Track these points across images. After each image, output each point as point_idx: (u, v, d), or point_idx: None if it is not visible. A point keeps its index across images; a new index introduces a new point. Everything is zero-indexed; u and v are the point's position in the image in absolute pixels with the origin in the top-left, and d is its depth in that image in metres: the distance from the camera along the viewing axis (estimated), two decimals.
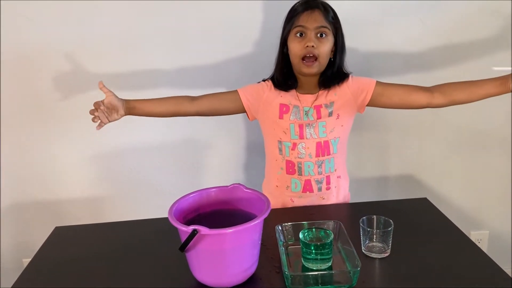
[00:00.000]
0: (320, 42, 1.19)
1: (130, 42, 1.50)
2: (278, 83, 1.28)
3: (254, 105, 1.30)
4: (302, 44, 1.18)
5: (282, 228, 1.05)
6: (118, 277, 0.98)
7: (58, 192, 1.66)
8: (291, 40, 1.21)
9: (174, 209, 0.92)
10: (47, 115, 1.56)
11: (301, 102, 1.27)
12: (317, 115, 1.26)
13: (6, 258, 1.74)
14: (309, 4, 1.20)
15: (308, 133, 1.26)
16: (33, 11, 1.44)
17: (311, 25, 1.18)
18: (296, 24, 1.20)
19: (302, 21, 1.19)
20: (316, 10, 1.19)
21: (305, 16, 1.19)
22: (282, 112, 1.27)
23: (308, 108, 1.26)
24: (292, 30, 1.20)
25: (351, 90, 1.26)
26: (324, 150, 1.27)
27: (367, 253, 1.00)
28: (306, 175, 1.28)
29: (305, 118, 1.26)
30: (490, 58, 1.58)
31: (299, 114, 1.26)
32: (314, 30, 1.18)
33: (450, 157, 1.72)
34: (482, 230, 1.82)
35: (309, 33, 1.18)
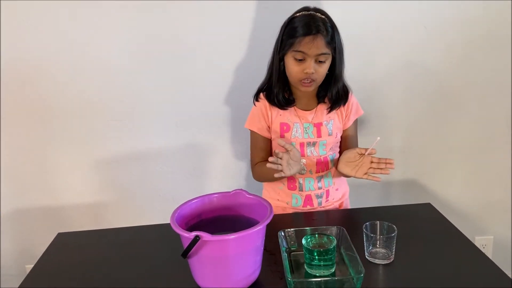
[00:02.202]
0: (320, 66, 1.17)
1: (132, 45, 1.50)
2: (279, 103, 1.25)
3: (267, 129, 1.30)
4: (301, 68, 1.16)
5: (285, 234, 1.04)
6: (120, 283, 0.98)
7: (61, 198, 1.66)
8: (290, 61, 1.18)
9: (176, 215, 0.92)
10: (50, 121, 1.57)
11: (301, 119, 1.27)
12: (318, 134, 1.27)
13: (9, 264, 1.74)
14: (312, 28, 1.13)
15: (309, 151, 1.27)
16: (34, 14, 1.44)
17: (312, 53, 1.14)
18: (296, 49, 1.15)
19: (303, 47, 1.14)
20: (319, 35, 1.13)
21: (307, 42, 1.13)
22: (283, 131, 1.28)
23: (308, 125, 1.27)
24: (291, 52, 1.17)
25: (347, 112, 1.29)
26: (324, 166, 1.30)
27: (370, 259, 0.99)
28: (307, 191, 1.30)
29: (306, 135, 1.27)
30: (491, 61, 1.58)
31: (300, 131, 1.27)
32: (315, 57, 1.15)
33: (454, 161, 1.71)
34: (487, 235, 1.80)
35: (309, 60, 1.15)
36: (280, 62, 1.22)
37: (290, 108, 1.27)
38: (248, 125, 1.32)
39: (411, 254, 1.01)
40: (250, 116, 1.33)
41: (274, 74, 1.24)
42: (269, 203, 0.95)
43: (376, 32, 1.53)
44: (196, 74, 1.54)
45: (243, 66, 1.54)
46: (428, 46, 1.55)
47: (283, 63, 1.22)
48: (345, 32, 1.50)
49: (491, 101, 1.63)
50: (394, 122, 1.65)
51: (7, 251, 1.72)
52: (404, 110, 1.63)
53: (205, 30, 1.49)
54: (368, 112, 1.61)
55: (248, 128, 1.32)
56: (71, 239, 1.21)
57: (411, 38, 1.54)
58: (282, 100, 1.25)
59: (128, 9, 1.45)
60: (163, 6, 1.45)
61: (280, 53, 1.20)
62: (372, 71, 1.57)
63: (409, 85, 1.60)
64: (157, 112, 1.58)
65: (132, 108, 1.57)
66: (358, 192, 1.70)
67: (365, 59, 1.55)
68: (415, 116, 1.64)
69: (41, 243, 1.28)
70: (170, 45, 1.50)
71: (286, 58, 1.20)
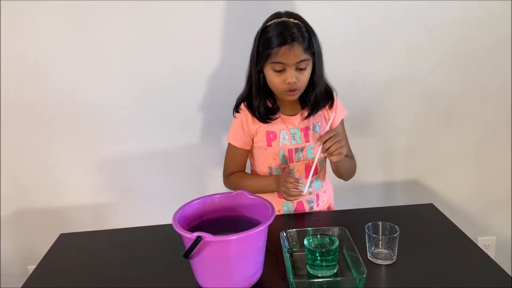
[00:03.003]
0: (301, 74, 1.13)
1: (132, 45, 1.50)
2: (260, 116, 1.21)
3: (249, 142, 1.28)
4: (282, 79, 1.12)
5: (287, 235, 1.04)
6: (122, 283, 0.98)
7: (63, 199, 1.67)
8: (270, 73, 1.14)
9: (178, 215, 0.92)
10: (52, 122, 1.57)
11: (287, 125, 1.24)
12: (305, 139, 1.24)
13: (12, 265, 1.74)
14: (286, 37, 1.09)
15: (297, 157, 1.25)
16: (34, 14, 1.44)
17: (291, 62, 1.10)
18: (274, 60, 1.10)
19: (281, 57, 1.09)
20: (295, 43, 1.09)
21: (284, 51, 1.09)
22: (270, 140, 1.24)
23: (295, 130, 1.24)
24: (269, 63, 1.12)
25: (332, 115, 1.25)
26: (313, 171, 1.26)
27: (372, 260, 0.99)
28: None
29: (293, 141, 1.24)
30: (493, 61, 1.58)
31: (287, 138, 1.24)
32: (294, 65, 1.11)
33: (456, 162, 1.70)
34: (489, 236, 1.80)
35: (289, 69, 1.11)
36: (259, 74, 1.18)
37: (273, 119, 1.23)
38: (231, 139, 1.28)
39: (413, 255, 1.01)
40: (232, 130, 1.28)
41: (254, 87, 1.20)
42: (271, 203, 0.95)
43: (378, 33, 1.53)
44: (197, 74, 1.54)
45: (244, 66, 1.54)
46: (430, 46, 1.55)
47: (262, 75, 1.18)
48: (347, 32, 1.51)
49: (494, 101, 1.63)
50: (397, 123, 1.64)
51: (10, 252, 1.73)
52: (406, 110, 1.63)
53: (205, 30, 1.49)
54: (371, 113, 1.61)
55: (230, 143, 1.29)
56: (73, 239, 1.21)
57: (413, 38, 1.54)
58: (263, 113, 1.21)
59: (128, 9, 1.46)
60: (163, 6, 1.45)
61: (258, 66, 1.16)
62: (375, 72, 1.57)
63: (411, 85, 1.60)
64: (159, 113, 1.58)
65: (134, 109, 1.57)
66: (360, 193, 1.71)
67: (368, 60, 1.55)
68: (418, 116, 1.64)
69: (43, 244, 1.28)
70: (171, 46, 1.51)
71: (265, 70, 1.15)
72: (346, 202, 1.47)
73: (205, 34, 1.50)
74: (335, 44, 1.52)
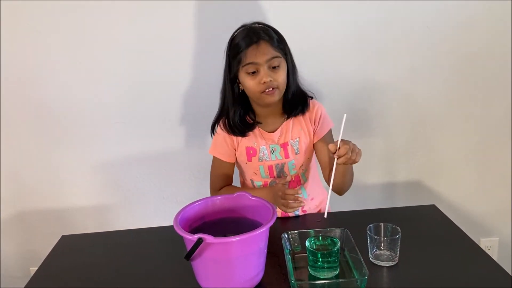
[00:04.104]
0: (275, 73, 1.11)
1: (133, 46, 1.50)
2: (238, 129, 1.20)
3: (233, 154, 1.27)
4: (257, 81, 1.11)
5: (289, 236, 1.04)
6: (124, 285, 0.98)
7: (64, 201, 1.67)
8: (244, 78, 1.13)
9: (179, 217, 0.92)
10: (53, 124, 1.57)
11: (267, 141, 1.23)
12: (285, 155, 1.23)
13: (14, 266, 1.75)
14: (252, 37, 1.10)
15: (278, 172, 1.24)
16: (34, 15, 1.45)
17: (261, 60, 1.09)
18: (244, 62, 1.10)
19: (250, 57, 1.10)
20: (262, 42, 1.09)
21: (252, 51, 1.09)
22: (250, 155, 1.24)
23: (274, 145, 1.23)
24: (242, 68, 1.12)
25: (314, 126, 1.23)
26: (296, 184, 1.27)
27: (374, 261, 0.99)
28: None
29: (273, 157, 1.23)
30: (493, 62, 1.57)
31: (267, 154, 1.23)
32: (266, 64, 1.10)
33: (459, 163, 1.70)
34: (492, 237, 1.79)
35: (262, 69, 1.10)
36: (234, 85, 1.17)
37: (251, 132, 1.22)
38: (212, 151, 1.28)
39: (415, 256, 1.00)
40: (213, 142, 1.28)
41: (228, 98, 1.19)
42: (272, 205, 0.95)
43: (379, 34, 1.52)
44: (199, 75, 1.55)
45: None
46: (431, 47, 1.54)
47: (237, 85, 1.17)
48: (348, 33, 1.51)
49: (495, 101, 1.62)
50: (398, 124, 1.64)
51: (12, 254, 1.73)
52: (407, 111, 1.63)
53: (206, 30, 1.49)
54: (372, 114, 1.61)
55: (212, 155, 1.28)
56: (75, 241, 1.21)
57: (414, 39, 1.54)
58: (239, 124, 1.19)
59: (128, 10, 1.46)
60: (162, 6, 1.46)
61: (231, 74, 1.15)
62: (376, 73, 1.57)
63: (412, 86, 1.60)
64: (160, 114, 1.58)
65: (135, 110, 1.57)
66: (362, 194, 1.70)
67: (369, 60, 1.55)
68: (419, 117, 1.63)
69: (45, 245, 1.29)
70: (172, 46, 1.51)
71: (240, 77, 1.14)
72: (348, 203, 1.47)
73: (204, 34, 1.50)
74: (336, 45, 1.52)
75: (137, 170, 1.65)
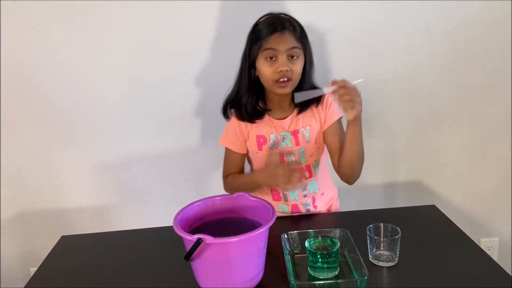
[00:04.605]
0: (293, 63, 1.13)
1: (134, 46, 1.50)
2: (248, 114, 1.21)
3: (243, 146, 1.28)
4: (274, 68, 1.12)
5: (288, 237, 1.04)
6: (123, 285, 0.98)
7: (64, 201, 1.67)
8: (261, 63, 1.15)
9: (179, 217, 0.92)
10: (52, 124, 1.57)
11: (277, 129, 1.23)
12: (296, 142, 1.23)
13: (13, 267, 1.75)
14: (277, 25, 1.12)
15: (289, 160, 1.24)
16: (34, 15, 1.44)
17: (282, 48, 1.11)
18: (265, 47, 1.12)
19: (272, 43, 1.12)
20: (286, 31, 1.12)
21: (275, 38, 1.11)
22: (260, 144, 1.24)
23: (285, 133, 1.23)
24: (261, 52, 1.13)
25: (325, 113, 1.24)
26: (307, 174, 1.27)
27: (374, 262, 0.98)
28: (292, 200, 1.28)
29: (284, 145, 1.23)
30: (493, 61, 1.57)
31: (278, 142, 1.23)
32: (286, 52, 1.12)
33: (458, 163, 1.70)
34: (492, 237, 1.79)
35: (281, 57, 1.12)
36: (251, 69, 1.18)
37: (261, 119, 1.23)
38: (223, 142, 1.29)
39: (415, 257, 1.00)
40: (224, 132, 1.29)
41: (244, 83, 1.20)
42: (272, 205, 0.95)
43: (378, 34, 1.52)
44: (199, 75, 1.54)
45: None
46: (431, 47, 1.54)
47: (253, 70, 1.18)
48: (347, 33, 1.51)
49: (495, 101, 1.62)
50: (398, 124, 1.64)
51: (11, 254, 1.73)
52: (407, 111, 1.63)
53: (207, 31, 1.49)
54: (372, 114, 1.61)
55: (223, 145, 1.29)
56: (74, 242, 1.21)
57: (414, 39, 1.53)
58: (251, 110, 1.21)
59: (127, 10, 1.45)
60: (162, 6, 1.45)
61: (250, 59, 1.17)
62: (375, 73, 1.57)
63: (413, 86, 1.60)
64: (160, 114, 1.58)
65: (135, 110, 1.57)
66: (361, 194, 1.70)
67: (368, 60, 1.55)
68: (419, 117, 1.63)
69: (45, 246, 1.28)
70: (172, 46, 1.51)
71: (258, 63, 1.16)
72: (348, 203, 1.47)
73: (206, 35, 1.50)
74: (335, 45, 1.52)
75: (137, 170, 1.65)
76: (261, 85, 1.21)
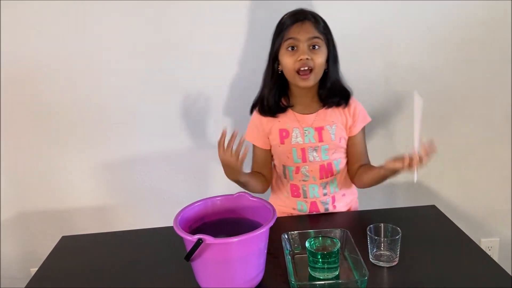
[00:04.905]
0: (314, 53, 1.14)
1: (134, 46, 1.50)
2: (269, 109, 1.23)
3: (265, 141, 1.28)
4: (295, 58, 1.14)
5: (289, 237, 1.04)
6: (124, 285, 0.98)
7: (65, 202, 1.67)
8: (283, 54, 1.16)
9: (179, 218, 0.92)
10: (53, 124, 1.57)
11: (301, 123, 1.23)
12: (319, 138, 1.23)
13: (14, 267, 1.75)
14: (299, 16, 1.15)
15: (311, 156, 1.24)
16: (35, 15, 1.44)
17: (303, 37, 1.13)
18: (286, 37, 1.15)
19: (292, 33, 1.14)
20: (307, 21, 1.14)
21: (295, 28, 1.14)
22: (283, 138, 1.24)
23: (308, 128, 1.23)
24: (283, 43, 1.16)
25: (352, 119, 1.25)
26: (328, 172, 1.26)
27: (374, 262, 0.98)
28: (311, 197, 1.27)
29: (307, 140, 1.23)
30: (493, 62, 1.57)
31: (300, 136, 1.23)
32: (307, 42, 1.14)
33: (459, 163, 1.69)
34: (493, 237, 1.79)
35: (302, 45, 1.14)
36: (274, 63, 1.20)
37: (284, 113, 1.24)
38: (247, 137, 1.30)
39: (415, 257, 1.00)
40: (248, 128, 1.31)
41: (266, 76, 1.23)
42: (272, 205, 0.95)
43: (378, 34, 1.52)
44: (199, 76, 1.54)
45: (247, 69, 1.54)
46: (430, 47, 1.54)
47: (277, 64, 1.20)
48: (347, 33, 1.51)
49: (496, 102, 1.62)
50: (398, 124, 1.64)
51: (12, 254, 1.73)
52: (408, 111, 1.63)
53: (208, 32, 1.49)
54: (371, 115, 1.60)
55: (248, 140, 1.30)
56: (75, 242, 1.21)
57: (413, 39, 1.53)
58: (272, 104, 1.22)
59: (129, 10, 1.46)
60: (164, 7, 1.46)
61: (274, 51, 1.19)
62: (375, 73, 1.57)
63: (412, 86, 1.59)
64: (160, 115, 1.58)
65: (136, 111, 1.57)
66: (362, 195, 1.70)
67: (367, 60, 1.55)
68: None
69: (45, 246, 1.29)
70: (173, 47, 1.51)
71: (280, 54, 1.18)
72: None
73: (205, 35, 1.50)
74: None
75: (137, 171, 1.65)
76: (285, 80, 1.22)
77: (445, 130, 1.65)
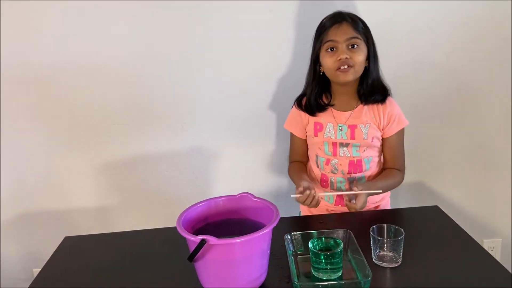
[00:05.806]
0: (353, 52, 1.19)
1: (135, 47, 1.50)
2: (310, 107, 1.29)
3: (303, 131, 1.35)
4: (335, 58, 1.19)
5: (291, 237, 1.04)
6: (127, 286, 0.98)
7: (68, 202, 1.67)
8: (323, 55, 1.22)
9: (182, 218, 0.92)
10: (55, 125, 1.58)
11: (336, 119, 1.28)
12: (351, 135, 1.27)
13: (17, 268, 1.75)
14: (337, 18, 1.21)
15: (342, 151, 1.28)
16: (35, 15, 1.44)
17: (341, 38, 1.19)
18: (325, 39, 1.21)
19: (331, 35, 1.20)
20: (344, 22, 1.20)
21: (333, 30, 1.20)
22: (316, 130, 1.30)
23: (342, 125, 1.28)
24: (323, 45, 1.22)
25: (387, 118, 1.28)
26: (357, 168, 1.29)
27: (377, 263, 0.98)
28: (338, 190, 1.31)
29: (339, 136, 1.27)
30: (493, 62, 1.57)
31: (333, 131, 1.28)
32: (345, 42, 1.19)
33: (461, 164, 1.69)
34: (495, 238, 1.78)
35: (340, 46, 1.19)
36: (316, 65, 1.26)
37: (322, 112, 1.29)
38: (287, 126, 1.39)
39: (418, 257, 1.00)
40: (288, 117, 1.38)
41: (308, 77, 1.29)
42: (275, 206, 0.95)
43: (380, 34, 1.51)
44: (200, 77, 1.55)
45: (247, 69, 1.54)
46: (432, 47, 1.54)
47: (318, 66, 1.26)
48: None
49: (498, 101, 1.62)
50: None
51: (14, 255, 1.73)
52: (410, 112, 1.62)
53: (209, 33, 1.50)
54: None
55: (287, 129, 1.39)
56: (77, 243, 1.21)
57: (414, 38, 1.53)
58: (313, 103, 1.28)
59: (131, 11, 1.46)
60: (167, 8, 1.46)
61: (314, 54, 1.25)
62: None
63: (415, 87, 1.59)
64: (162, 116, 1.58)
65: (137, 112, 1.57)
66: None
67: None
68: (421, 118, 1.63)
69: (48, 247, 1.29)
70: (174, 49, 1.51)
71: (321, 56, 1.23)
72: None
73: (209, 39, 1.50)
74: None
75: (140, 171, 1.65)
76: (327, 80, 1.27)
77: (447, 130, 1.65)
